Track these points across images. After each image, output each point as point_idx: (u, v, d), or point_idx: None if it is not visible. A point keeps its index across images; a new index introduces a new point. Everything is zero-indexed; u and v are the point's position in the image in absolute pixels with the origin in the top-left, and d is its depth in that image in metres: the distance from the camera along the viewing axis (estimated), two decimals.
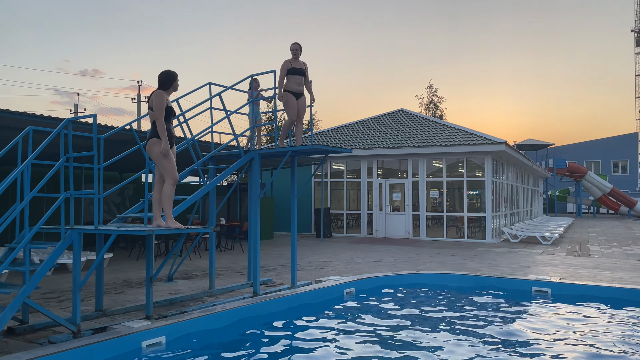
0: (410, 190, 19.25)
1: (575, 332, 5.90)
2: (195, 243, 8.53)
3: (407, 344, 5.51)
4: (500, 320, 6.51)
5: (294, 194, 8.24)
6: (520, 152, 22.25)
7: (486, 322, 6.44)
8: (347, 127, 23.13)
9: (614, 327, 6.10)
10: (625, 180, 47.97)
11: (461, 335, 5.82)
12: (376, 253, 14.00)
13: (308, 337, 5.82)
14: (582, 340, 5.59)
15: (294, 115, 7.64)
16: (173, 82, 5.79)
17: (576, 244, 16.67)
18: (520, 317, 6.79)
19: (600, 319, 6.55)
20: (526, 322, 6.51)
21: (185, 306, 6.69)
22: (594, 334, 5.81)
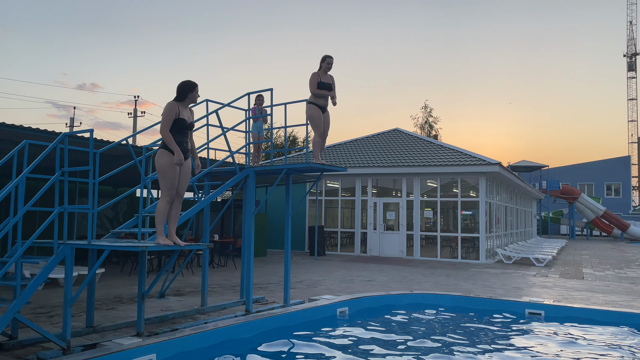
0: (405, 209, 19.28)
1: (568, 355, 5.88)
2: (188, 259, 8.49)
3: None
4: (494, 343, 6.49)
5: (289, 212, 8.25)
6: (514, 173, 22.39)
7: (479, 344, 6.41)
8: (342, 145, 23.23)
9: (608, 351, 6.09)
10: (618, 203, 48.26)
11: (453, 356, 5.79)
12: (370, 272, 13.96)
13: (300, 356, 5.77)
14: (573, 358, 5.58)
15: (321, 129, 7.45)
16: (189, 93, 5.52)
17: (569, 266, 16.68)
18: (513, 339, 6.77)
19: (594, 342, 6.54)
20: (519, 344, 6.49)
21: (176, 323, 6.63)
22: (588, 357, 5.79)
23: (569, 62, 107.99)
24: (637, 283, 12.58)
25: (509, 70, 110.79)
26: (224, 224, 19.93)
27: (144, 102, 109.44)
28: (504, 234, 22.38)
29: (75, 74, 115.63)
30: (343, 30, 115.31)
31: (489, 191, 18.89)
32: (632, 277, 13.81)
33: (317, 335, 6.79)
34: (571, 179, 49.43)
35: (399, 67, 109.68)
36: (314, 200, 21.08)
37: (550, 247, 21.80)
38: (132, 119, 42.48)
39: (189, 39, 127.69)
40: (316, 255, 18.40)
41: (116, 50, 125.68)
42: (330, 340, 6.57)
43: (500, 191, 21.86)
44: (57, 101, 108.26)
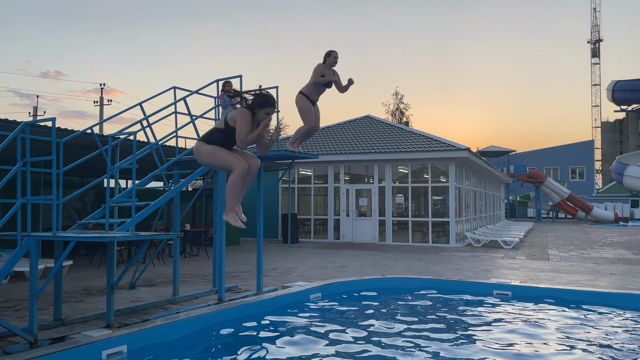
0: (377, 195, 19.46)
1: (533, 333, 6.08)
2: (159, 250, 8.40)
3: (372, 347, 5.56)
4: (463, 323, 6.65)
5: (260, 200, 8.22)
6: (483, 158, 22.81)
7: (449, 325, 6.56)
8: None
9: (571, 328, 6.32)
10: (582, 186, 49.79)
11: (424, 337, 5.92)
12: (343, 258, 14.07)
13: (273, 343, 5.80)
14: (540, 339, 5.77)
15: (312, 121, 7.03)
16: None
17: (536, 248, 17.18)
18: (481, 319, 6.95)
19: (558, 320, 6.77)
20: (487, 324, 6.67)
21: (147, 314, 6.56)
22: (552, 335, 6.00)
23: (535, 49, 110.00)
24: (600, 263, 13.05)
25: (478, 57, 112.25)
26: (195, 214, 19.74)
27: (111, 90, 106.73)
28: (473, 218, 22.84)
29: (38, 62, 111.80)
30: (315, 17, 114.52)
31: (458, 176, 19.21)
32: (595, 258, 14.31)
33: (291, 322, 6.83)
34: (537, 164, 50.68)
35: (370, 54, 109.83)
36: (286, 188, 21.05)
37: (517, 230, 22.38)
38: (98, 107, 41.44)
39: (156, 26, 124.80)
40: (289, 243, 18.43)
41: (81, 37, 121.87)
42: (304, 326, 6.62)
43: (470, 176, 22.26)
44: (20, 90, 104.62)
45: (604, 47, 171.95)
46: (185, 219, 18.76)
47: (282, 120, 47.66)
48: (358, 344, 5.75)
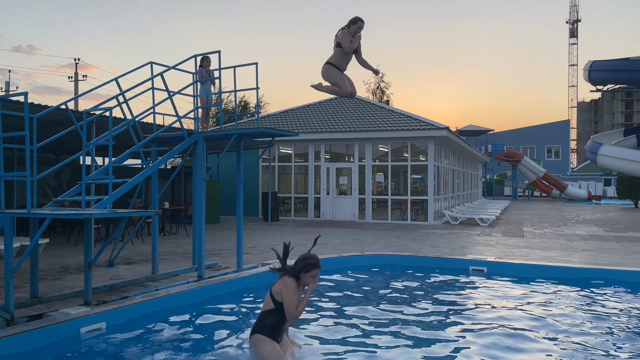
0: (357, 174, 19.54)
1: (507, 307, 6.26)
2: (138, 227, 8.32)
3: (350, 322, 5.66)
4: (440, 298, 6.80)
5: (240, 178, 8.19)
6: (462, 137, 23.04)
7: (427, 299, 6.70)
8: (295, 111, 23.08)
9: (543, 301, 6.52)
10: (558, 164, 50.77)
11: (402, 312, 6.04)
12: (323, 236, 14.17)
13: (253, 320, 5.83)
14: (514, 314, 5.95)
15: (348, 87, 6.36)
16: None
17: (511, 225, 17.55)
18: (458, 294, 7.11)
19: (532, 295, 6.97)
20: (463, 299, 6.83)
21: (126, 291, 6.54)
22: (525, 308, 6.18)
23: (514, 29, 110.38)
24: (573, 240, 13.41)
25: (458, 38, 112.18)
26: (174, 192, 19.58)
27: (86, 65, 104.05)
28: (451, 196, 23.15)
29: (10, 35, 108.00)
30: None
31: (437, 155, 19.38)
32: (568, 235, 14.69)
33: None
34: (515, 143, 51.39)
35: None
36: (267, 166, 20.98)
37: (494, 208, 22.79)
38: (73, 82, 40.41)
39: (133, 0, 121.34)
40: (270, 221, 18.46)
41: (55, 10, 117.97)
42: None
43: (448, 155, 22.48)
44: None
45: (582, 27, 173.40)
46: (164, 197, 18.61)
47: (262, 98, 47.17)
48: (337, 318, 5.84)
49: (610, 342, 4.99)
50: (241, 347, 4.76)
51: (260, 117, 22.67)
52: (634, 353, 4.72)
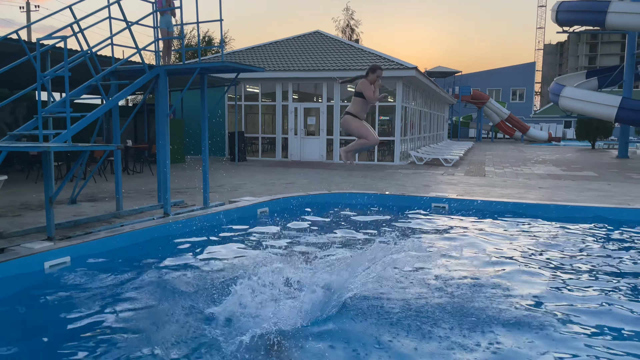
0: (325, 114, 19.42)
1: (465, 239, 6.55)
2: (100, 164, 8.15)
3: (318, 257, 5.81)
4: (403, 233, 7.03)
5: (205, 115, 8.03)
6: (430, 78, 23.02)
7: (390, 233, 6.92)
8: (262, 47, 22.41)
9: (500, 234, 6.84)
10: (522, 107, 51.67)
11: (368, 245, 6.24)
12: (290, 176, 14.24)
13: (221, 256, 5.92)
14: (473, 245, 6.23)
15: (373, 135, 6.54)
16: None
17: (474, 166, 18.01)
18: (420, 229, 7.37)
19: (490, 229, 7.29)
20: (425, 233, 7.09)
21: (90, 227, 6.49)
22: (483, 240, 6.48)
23: None
24: (531, 178, 13.91)
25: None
26: (137, 130, 19.10)
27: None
28: (417, 137, 23.42)
29: None
30: None
31: (405, 96, 19.38)
32: (527, 174, 15.21)
33: (238, 235, 6.98)
34: (481, 85, 51.75)
35: None
36: (233, 105, 20.57)
37: (458, 149, 23.24)
38: (25, 13, 37.88)
39: None
40: (237, 161, 18.36)
41: None
42: (250, 239, 6.79)
43: (416, 96, 22.52)
44: None
45: None
46: (126, 135, 18.15)
47: (227, 33, 45.53)
48: (305, 254, 5.99)
49: (552, 266, 5.32)
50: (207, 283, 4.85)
51: (225, 54, 21.94)
52: (573, 271, 5.06)
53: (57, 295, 4.54)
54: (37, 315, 4.19)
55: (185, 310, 4.09)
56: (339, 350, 3.50)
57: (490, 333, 3.73)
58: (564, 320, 4.01)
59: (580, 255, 5.91)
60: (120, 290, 4.60)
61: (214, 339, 3.56)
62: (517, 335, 3.71)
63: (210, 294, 4.39)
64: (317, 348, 3.50)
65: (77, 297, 4.44)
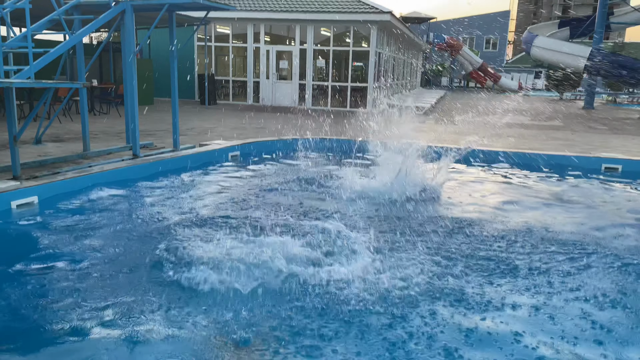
0: (298, 58, 19.06)
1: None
2: (64, 104, 7.91)
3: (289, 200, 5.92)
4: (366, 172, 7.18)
5: (174, 55, 7.81)
6: (405, 24, 22.70)
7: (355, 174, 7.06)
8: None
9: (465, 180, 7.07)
10: (494, 56, 51.71)
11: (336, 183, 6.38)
12: (262, 120, 14.12)
13: (192, 197, 5.95)
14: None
15: None
16: None
17: (444, 114, 18.19)
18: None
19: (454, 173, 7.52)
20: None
21: (57, 168, 6.39)
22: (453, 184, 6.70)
23: None
24: (499, 127, 14.18)
25: None
26: (102, 70, 18.40)
27: None
28: (390, 84, 23.35)
29: None
30: None
31: (379, 42, 19.13)
32: (493, 123, 15.48)
33: (209, 177, 7.00)
34: (455, 33, 51.32)
35: None
36: (203, 46, 19.93)
37: (430, 97, 23.35)
38: None
39: None
40: (207, 104, 18.03)
41: None
42: (222, 180, 6.82)
43: (390, 42, 22.24)
44: None
45: None
46: (92, 75, 17.47)
47: None
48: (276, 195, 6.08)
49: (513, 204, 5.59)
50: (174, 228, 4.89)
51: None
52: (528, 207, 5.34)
53: (23, 235, 4.53)
54: (3, 255, 4.18)
55: (149, 256, 4.05)
56: None
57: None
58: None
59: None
60: (87, 232, 4.59)
61: (175, 285, 3.57)
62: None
63: (176, 238, 4.41)
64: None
65: (43, 238, 4.42)
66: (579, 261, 4.21)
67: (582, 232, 4.99)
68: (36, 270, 3.83)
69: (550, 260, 4.22)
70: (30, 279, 3.68)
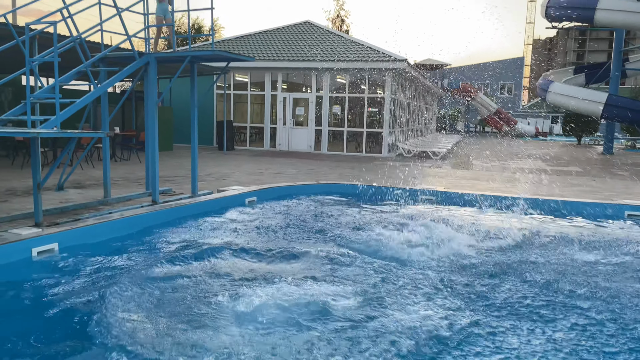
0: (314, 105, 19.41)
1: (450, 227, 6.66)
2: (87, 151, 8.11)
3: (306, 246, 5.87)
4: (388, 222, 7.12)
5: (194, 104, 8.01)
6: (419, 70, 23.09)
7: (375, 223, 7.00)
8: (252, 36, 22.26)
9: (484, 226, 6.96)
10: (510, 101, 52.04)
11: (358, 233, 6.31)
12: (278, 165, 14.26)
13: (209, 244, 5.94)
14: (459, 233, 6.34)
15: None
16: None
17: (461, 159, 18.17)
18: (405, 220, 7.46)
19: (474, 219, 7.41)
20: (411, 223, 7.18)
21: (78, 214, 6.47)
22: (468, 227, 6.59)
23: None
24: (517, 173, 14.08)
25: None
26: (125, 117, 18.92)
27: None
28: (406, 129, 23.53)
29: None
30: None
31: (394, 88, 19.44)
32: (513, 168, 15.40)
33: (226, 224, 7.00)
34: (470, 78, 51.98)
35: None
36: (222, 94, 20.45)
37: (446, 142, 23.40)
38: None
39: None
40: (225, 150, 18.31)
41: None
42: (239, 227, 6.82)
43: (405, 88, 22.58)
44: None
45: None
46: (114, 122, 17.98)
47: (216, 21, 45.13)
48: (293, 241, 6.04)
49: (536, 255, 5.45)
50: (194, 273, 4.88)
51: (215, 42, 21.76)
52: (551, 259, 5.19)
53: (44, 282, 4.54)
54: (24, 302, 4.19)
55: (172, 301, 4.09)
56: None
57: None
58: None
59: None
60: (107, 279, 4.60)
61: (203, 329, 3.59)
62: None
63: (195, 283, 4.41)
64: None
65: (64, 285, 4.44)
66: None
67: None
68: (55, 318, 3.82)
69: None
70: (49, 328, 3.67)
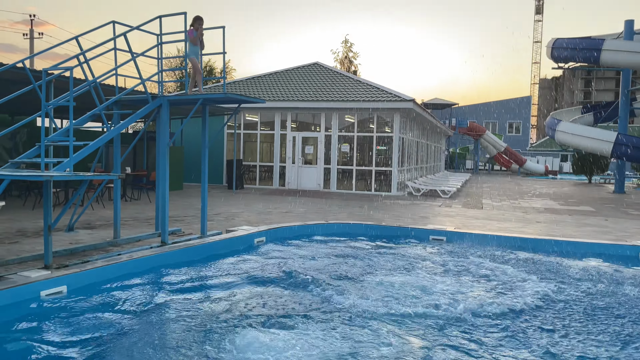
0: (323, 143, 19.58)
1: (463, 274, 6.53)
2: (98, 192, 8.16)
3: (316, 288, 5.79)
4: (401, 265, 7.02)
5: (205, 144, 8.10)
6: (427, 110, 23.31)
7: (388, 266, 6.91)
8: (262, 78, 22.74)
9: (496, 269, 6.83)
10: (518, 140, 52.18)
11: (367, 277, 6.22)
12: (287, 204, 14.25)
13: (218, 286, 5.90)
14: (470, 278, 6.22)
15: None
16: None
17: (471, 198, 18.07)
18: (417, 261, 7.36)
19: (487, 262, 7.29)
20: (423, 265, 7.08)
21: (87, 256, 6.46)
22: (480, 275, 6.47)
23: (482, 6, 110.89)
24: (529, 212, 13.95)
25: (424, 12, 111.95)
26: (136, 157, 19.16)
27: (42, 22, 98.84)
28: (415, 168, 23.56)
29: None
30: None
31: (402, 127, 19.59)
32: (524, 207, 15.26)
33: (235, 264, 6.95)
34: (478, 117, 52.37)
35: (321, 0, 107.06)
36: (232, 133, 20.73)
37: (455, 181, 23.35)
38: (28, 40, 38.45)
39: None
40: (234, 189, 18.38)
41: None
42: (248, 268, 6.76)
43: (413, 127, 22.75)
44: None
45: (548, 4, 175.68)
46: (125, 163, 18.20)
47: (227, 63, 46.22)
48: (302, 285, 5.96)
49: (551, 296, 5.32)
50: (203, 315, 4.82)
51: (227, 83, 22.22)
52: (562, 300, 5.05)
53: (52, 325, 4.49)
54: (32, 345, 4.14)
55: (180, 344, 4.05)
56: None
57: None
58: None
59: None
60: (116, 321, 4.56)
61: None
62: None
63: (205, 326, 4.36)
64: None
65: (72, 327, 4.40)
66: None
67: None
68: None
69: None
70: None
